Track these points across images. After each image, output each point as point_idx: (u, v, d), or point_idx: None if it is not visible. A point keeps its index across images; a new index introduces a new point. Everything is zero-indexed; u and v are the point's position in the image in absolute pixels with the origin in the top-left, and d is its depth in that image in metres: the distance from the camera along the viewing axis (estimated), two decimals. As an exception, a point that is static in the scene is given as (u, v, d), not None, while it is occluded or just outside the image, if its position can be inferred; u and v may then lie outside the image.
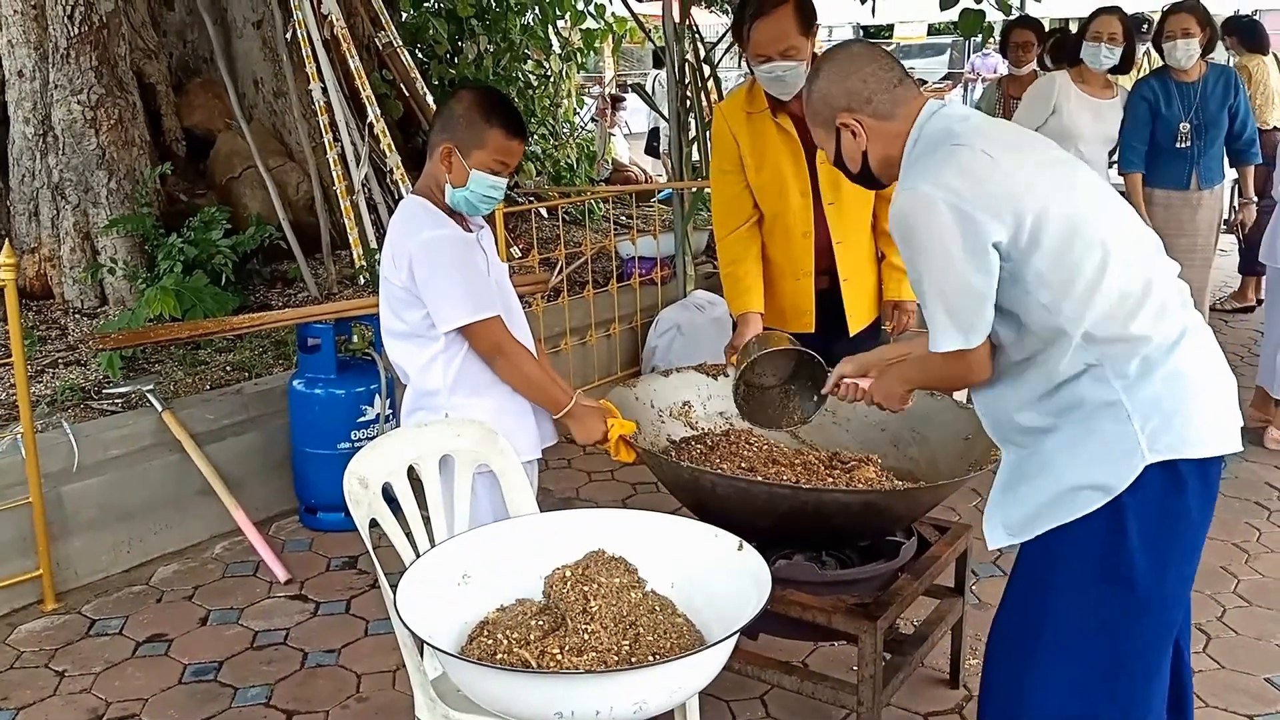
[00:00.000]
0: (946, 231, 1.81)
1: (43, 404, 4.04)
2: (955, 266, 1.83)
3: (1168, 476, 1.84)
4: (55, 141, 5.16)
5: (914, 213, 1.85)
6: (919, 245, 1.86)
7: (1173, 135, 4.89)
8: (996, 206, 1.81)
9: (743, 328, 3.10)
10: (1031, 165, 1.89)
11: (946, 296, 1.86)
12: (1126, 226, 1.93)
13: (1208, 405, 1.87)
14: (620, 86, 13.63)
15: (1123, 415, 1.84)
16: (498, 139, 2.44)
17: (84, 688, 3.05)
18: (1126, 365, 1.84)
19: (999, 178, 1.83)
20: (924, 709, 2.86)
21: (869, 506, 2.41)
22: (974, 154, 1.86)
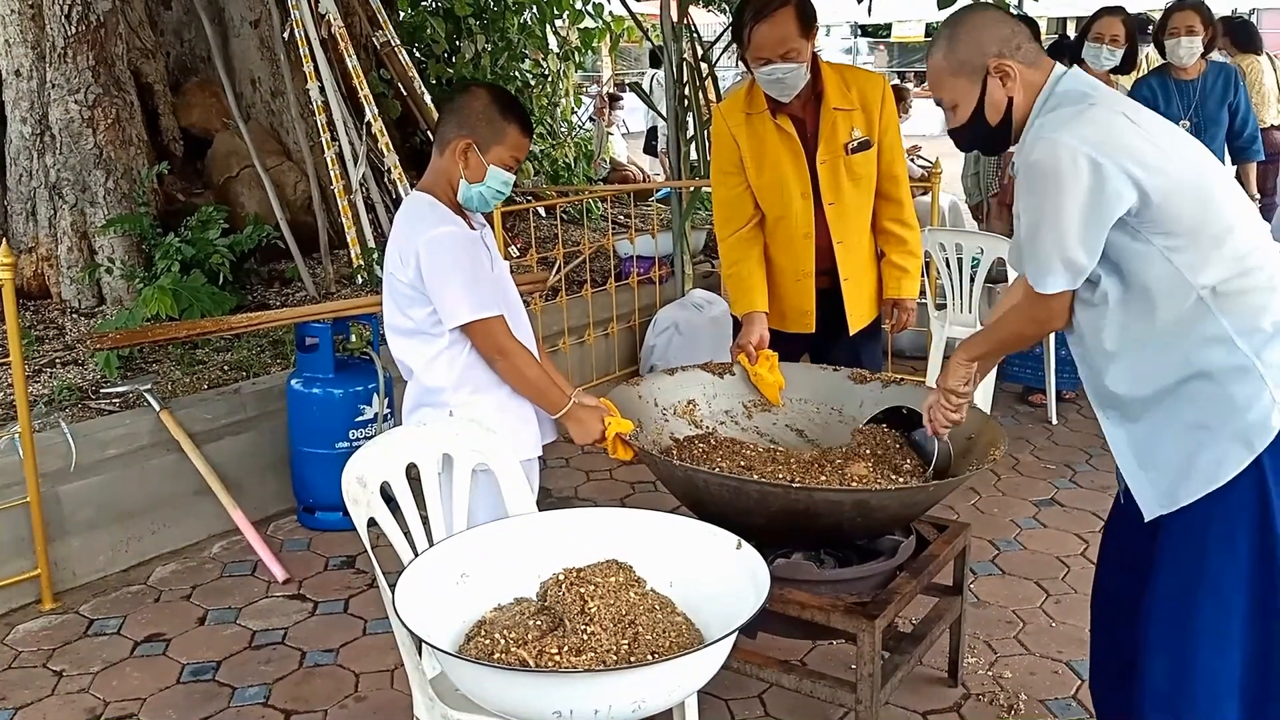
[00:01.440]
0: (1079, 180, 1.90)
1: (40, 403, 4.03)
2: (1082, 218, 1.92)
3: None
4: (52, 141, 5.15)
5: (1050, 159, 1.93)
6: (1048, 190, 1.94)
7: None
8: (1129, 163, 1.90)
9: (747, 327, 3.10)
10: (1161, 131, 2.00)
11: (1062, 244, 1.94)
12: (1244, 200, 2.04)
13: None
14: (618, 85, 13.63)
15: (1255, 376, 1.91)
16: (515, 135, 2.48)
17: (82, 687, 3.05)
18: (1255, 325, 1.92)
19: (1133, 137, 1.94)
20: (923, 707, 2.86)
21: (861, 505, 2.41)
22: (1111, 113, 1.97)
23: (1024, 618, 3.33)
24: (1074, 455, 4.69)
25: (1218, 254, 1.94)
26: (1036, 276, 2.01)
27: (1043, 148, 1.95)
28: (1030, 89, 2.08)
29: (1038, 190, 1.96)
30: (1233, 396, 1.92)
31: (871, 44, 25.86)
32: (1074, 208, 1.92)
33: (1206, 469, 1.95)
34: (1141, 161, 1.91)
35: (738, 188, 3.18)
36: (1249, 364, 1.91)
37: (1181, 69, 4.85)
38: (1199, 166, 2.00)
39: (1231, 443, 1.93)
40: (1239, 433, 1.92)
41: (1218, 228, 1.95)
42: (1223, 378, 1.93)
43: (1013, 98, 2.08)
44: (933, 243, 4.76)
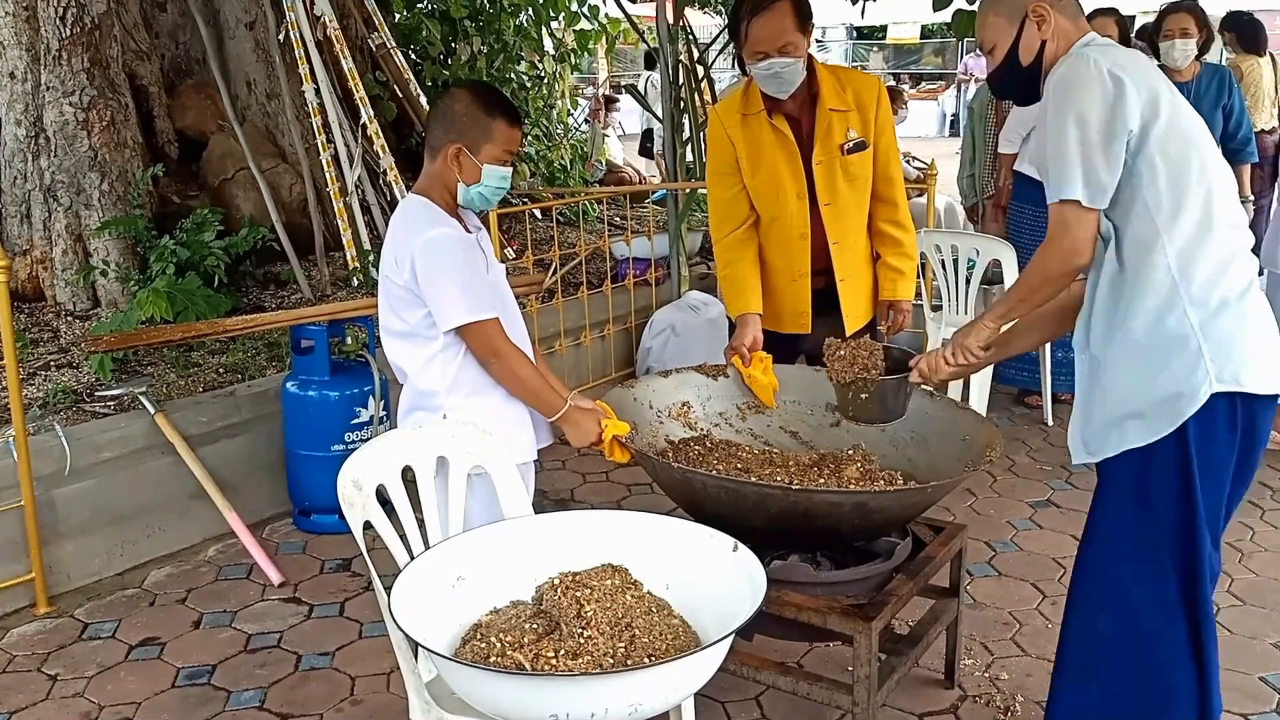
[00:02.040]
0: (1103, 92, 2.04)
1: (35, 407, 4.03)
2: (1101, 124, 2.04)
3: (1228, 407, 2.06)
4: (47, 143, 5.14)
5: (1077, 72, 2.07)
6: (1073, 98, 2.06)
7: None
8: (1146, 91, 2.06)
9: (741, 328, 3.10)
10: (1168, 89, 2.13)
11: (1086, 149, 2.05)
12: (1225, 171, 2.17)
13: (1268, 349, 2.10)
14: (614, 87, 13.64)
15: (1194, 347, 2.04)
16: (503, 129, 2.47)
17: (77, 691, 3.04)
18: (1204, 302, 2.05)
19: (1152, 75, 2.10)
20: (919, 709, 2.86)
21: (859, 507, 2.41)
22: (1134, 54, 2.15)
23: (1020, 619, 3.33)
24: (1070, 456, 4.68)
25: (1192, 214, 2.06)
26: (1059, 184, 2.09)
27: (1069, 63, 2.11)
28: (1064, 39, 2.19)
29: (1062, 101, 2.08)
30: (1172, 363, 2.06)
31: (867, 46, 25.90)
32: (1094, 116, 2.04)
33: (1131, 430, 2.11)
34: (1157, 87, 2.07)
35: (733, 189, 3.17)
36: (1191, 335, 2.05)
37: (1175, 71, 4.86)
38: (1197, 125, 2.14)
39: (1157, 410, 2.08)
40: (1166, 401, 2.07)
41: (1198, 183, 2.07)
42: (1166, 345, 2.07)
43: (1045, 41, 2.20)
44: (928, 244, 4.76)
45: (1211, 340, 2.05)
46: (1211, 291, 2.06)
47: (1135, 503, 2.16)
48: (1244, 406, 2.08)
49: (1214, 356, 2.04)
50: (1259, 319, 2.11)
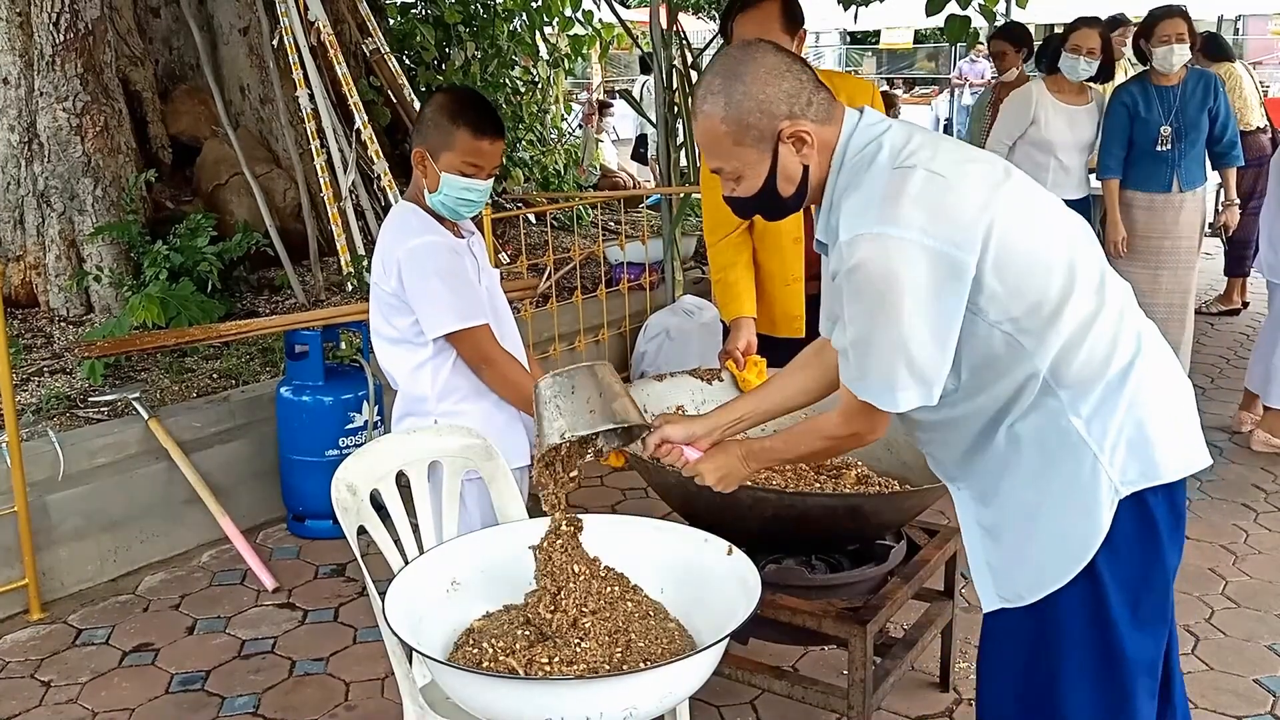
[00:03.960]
0: (920, 278, 1.60)
1: (28, 412, 4.02)
2: (927, 317, 1.62)
3: (1140, 509, 1.70)
4: (41, 149, 5.14)
5: (883, 260, 1.60)
6: (885, 296, 1.61)
7: (1153, 139, 4.94)
8: (960, 235, 1.61)
9: (735, 332, 3.10)
10: (980, 181, 1.69)
11: (911, 350, 1.64)
12: (1079, 236, 1.76)
13: (1171, 425, 1.73)
14: (608, 92, 13.65)
15: (1088, 455, 1.68)
16: (464, 140, 2.39)
17: (70, 698, 3.03)
18: (1085, 399, 1.69)
19: (954, 200, 1.63)
20: (914, 712, 2.86)
21: (853, 510, 2.41)
22: (927, 177, 1.64)
23: (1015, 622, 3.32)
24: (1064, 460, 4.69)
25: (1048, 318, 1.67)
26: (881, 395, 1.68)
27: (864, 248, 1.61)
28: (825, 150, 1.74)
29: (870, 297, 1.62)
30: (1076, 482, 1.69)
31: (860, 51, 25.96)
32: (916, 313, 1.61)
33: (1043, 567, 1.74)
34: (969, 231, 1.62)
35: (727, 193, 3.17)
36: (1083, 444, 1.68)
37: (1164, 75, 4.91)
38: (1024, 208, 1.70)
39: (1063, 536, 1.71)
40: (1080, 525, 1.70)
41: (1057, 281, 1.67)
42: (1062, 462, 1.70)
43: (808, 165, 1.74)
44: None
45: (1105, 444, 1.68)
46: (1088, 394, 1.68)
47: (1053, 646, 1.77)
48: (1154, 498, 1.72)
49: (1111, 460, 1.67)
50: (1153, 391, 1.72)
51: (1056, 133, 4.99)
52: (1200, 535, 3.86)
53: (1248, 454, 4.68)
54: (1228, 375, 5.77)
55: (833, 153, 1.74)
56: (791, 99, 1.71)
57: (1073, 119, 5.01)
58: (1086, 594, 1.72)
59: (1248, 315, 7.00)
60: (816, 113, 1.73)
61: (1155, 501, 1.71)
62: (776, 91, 1.70)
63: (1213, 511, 4.09)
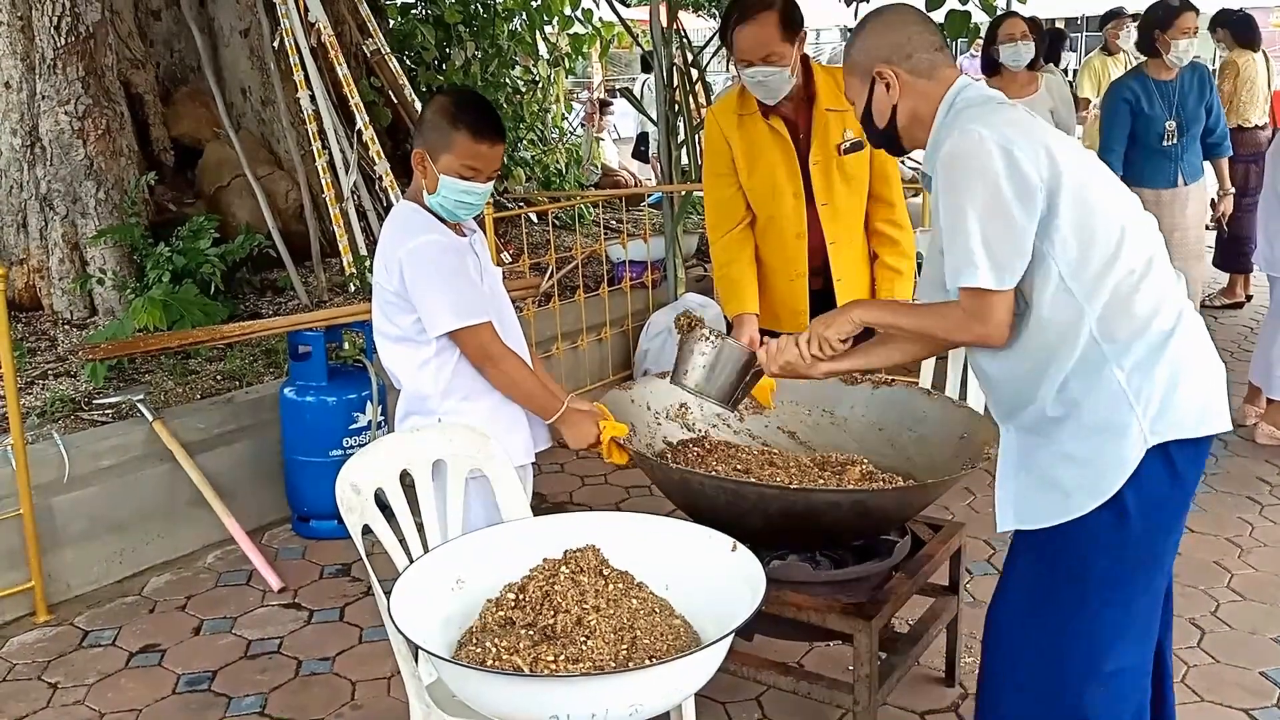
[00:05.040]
0: (998, 169, 1.86)
1: (33, 415, 4.02)
2: (1002, 203, 1.86)
3: (1165, 459, 1.90)
4: (43, 152, 5.14)
5: (965, 150, 1.89)
6: (967, 181, 1.89)
7: (1159, 134, 4.96)
8: (1039, 158, 1.88)
9: (739, 328, 3.11)
10: (1057, 137, 1.97)
11: (987, 232, 1.87)
12: (1135, 205, 2.01)
13: (1202, 388, 1.94)
14: (608, 91, 13.65)
15: (1125, 405, 1.89)
16: (464, 143, 2.39)
17: (77, 699, 3.04)
18: (1128, 354, 1.90)
19: (1040, 134, 1.93)
20: (920, 707, 2.86)
21: (858, 505, 2.41)
22: (1018, 112, 1.99)
23: (1020, 617, 3.32)
24: (1068, 454, 4.69)
25: (1104, 266, 1.89)
26: (960, 269, 1.91)
27: (956, 139, 1.92)
28: (925, 99, 2.05)
29: (956, 182, 1.91)
30: (1109, 425, 1.89)
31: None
32: (992, 200, 1.86)
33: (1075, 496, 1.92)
34: (1051, 144, 1.90)
35: (730, 189, 3.18)
36: (1121, 394, 1.89)
37: (1164, 70, 4.94)
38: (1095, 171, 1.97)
39: (1101, 474, 1.90)
40: (1101, 466, 1.90)
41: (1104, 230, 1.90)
42: (1099, 405, 1.90)
43: (896, 105, 2.06)
44: (924, 243, 4.76)
45: (1142, 395, 1.88)
46: (1132, 348, 1.90)
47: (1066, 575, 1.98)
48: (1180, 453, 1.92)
49: (1145, 411, 1.88)
50: (1190, 357, 1.93)
51: None
52: (1205, 529, 3.86)
53: (1252, 447, 4.67)
54: (1232, 369, 5.71)
55: (937, 104, 2.05)
56: (893, 49, 2.06)
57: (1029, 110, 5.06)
58: (1109, 524, 1.92)
59: (1251, 309, 6.99)
60: (914, 66, 2.05)
61: (1180, 456, 1.91)
62: (882, 42, 2.08)
63: (1218, 504, 4.09)
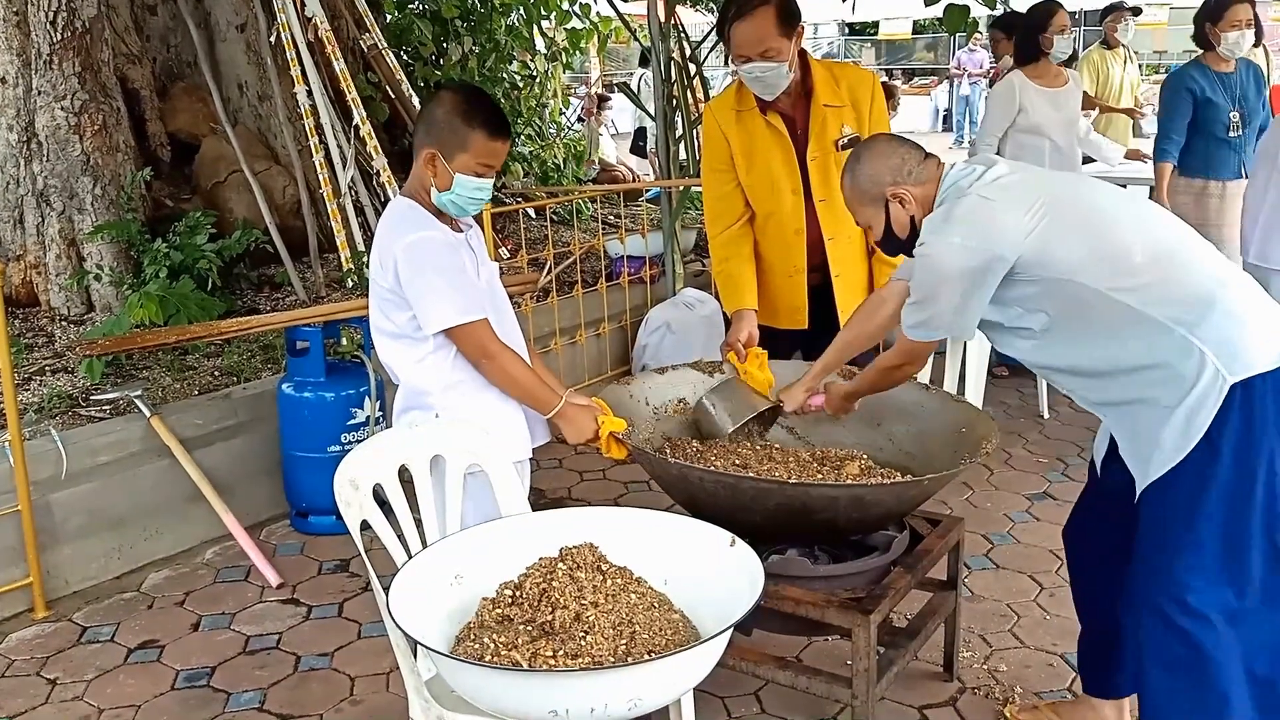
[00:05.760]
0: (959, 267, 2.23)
1: (30, 411, 4.02)
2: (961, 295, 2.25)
3: (1247, 394, 2.08)
4: (39, 148, 5.13)
5: (936, 254, 2.26)
6: (935, 277, 2.27)
7: (1224, 125, 4.95)
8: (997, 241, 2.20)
9: (737, 324, 3.11)
10: (1022, 193, 2.25)
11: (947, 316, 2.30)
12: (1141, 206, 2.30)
13: (1267, 327, 2.13)
14: (606, 86, 13.64)
15: (1195, 352, 2.09)
16: (480, 141, 2.41)
17: (76, 695, 3.04)
18: (1190, 312, 2.10)
19: (999, 213, 2.22)
20: (919, 702, 2.87)
21: (856, 500, 2.41)
22: (974, 200, 2.26)
23: (1018, 611, 3.33)
24: (1066, 448, 4.70)
25: (1124, 266, 2.16)
26: (924, 334, 2.37)
27: (928, 245, 2.28)
28: (925, 201, 2.37)
29: (927, 276, 2.29)
30: (1182, 374, 2.10)
31: (859, 42, 25.91)
32: (955, 290, 2.24)
33: (1170, 444, 2.12)
34: (1001, 235, 2.19)
35: (728, 185, 3.18)
36: (1189, 343, 2.09)
37: (1221, 61, 4.95)
38: (1073, 205, 2.26)
39: (1187, 417, 2.10)
40: (1191, 407, 2.09)
41: (1114, 247, 2.19)
42: (1170, 360, 2.11)
43: (914, 215, 2.37)
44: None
45: (1210, 342, 2.08)
46: (1194, 305, 2.12)
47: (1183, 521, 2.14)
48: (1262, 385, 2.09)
49: (1219, 354, 2.08)
50: (1247, 301, 2.15)
51: (1045, 116, 5.05)
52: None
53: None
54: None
55: (933, 200, 2.36)
56: (894, 171, 2.39)
57: (1055, 100, 5.09)
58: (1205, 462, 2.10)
59: None
60: (915, 178, 2.38)
61: (1263, 389, 2.08)
62: (882, 167, 2.40)
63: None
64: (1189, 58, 5.26)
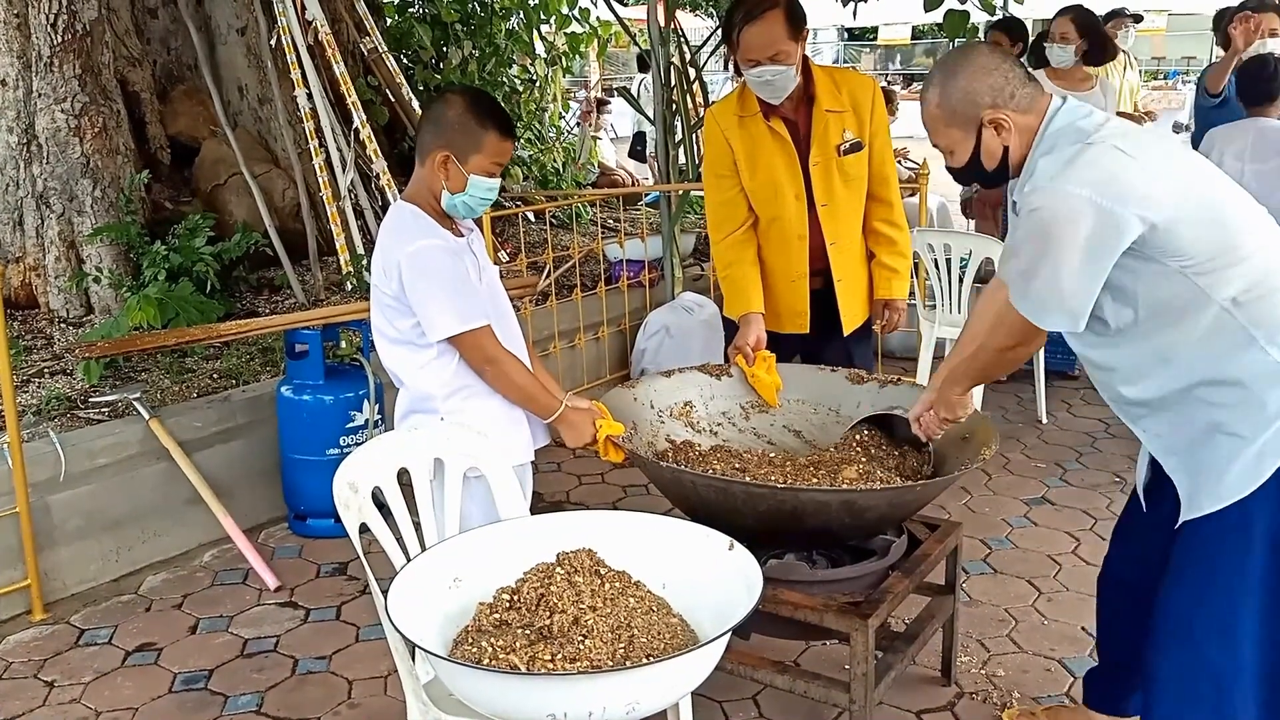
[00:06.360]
0: (1081, 226, 1.92)
1: (29, 413, 4.02)
2: (1080, 260, 1.93)
3: None
4: (39, 150, 5.13)
5: (1051, 208, 1.95)
6: (1050, 238, 1.95)
7: None
8: (1130, 202, 1.91)
9: (745, 328, 3.11)
10: (1161, 158, 1.99)
11: (1063, 288, 1.97)
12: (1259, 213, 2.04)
13: None
14: (605, 90, 13.65)
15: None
16: (493, 141, 2.43)
17: (73, 698, 3.03)
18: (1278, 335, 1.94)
19: (1132, 173, 1.93)
20: (916, 706, 2.87)
21: (848, 505, 2.41)
22: (1109, 150, 1.96)
23: (1016, 616, 3.33)
24: (1064, 454, 4.70)
25: (1238, 270, 1.95)
26: (1035, 314, 2.03)
27: (1043, 197, 1.96)
28: (1026, 133, 2.08)
29: (1039, 237, 1.97)
30: (1265, 403, 1.93)
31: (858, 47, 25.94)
32: (1075, 255, 1.93)
33: (1237, 479, 1.96)
34: (1143, 197, 1.92)
35: (731, 190, 3.18)
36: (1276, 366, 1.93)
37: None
38: (1206, 189, 2.00)
39: (1261, 452, 1.94)
40: (1269, 442, 1.94)
41: (1234, 246, 1.95)
42: (1255, 384, 1.94)
43: (1009, 146, 2.09)
44: (921, 243, 4.77)
45: None
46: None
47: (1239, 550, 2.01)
48: None
49: None
50: None
51: None
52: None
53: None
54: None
55: (1034, 134, 2.07)
56: (995, 92, 2.07)
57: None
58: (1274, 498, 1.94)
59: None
60: (1018, 104, 2.07)
61: None
62: (982, 85, 2.07)
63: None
64: (1187, 64, 5.25)
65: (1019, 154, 2.09)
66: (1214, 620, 2.04)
